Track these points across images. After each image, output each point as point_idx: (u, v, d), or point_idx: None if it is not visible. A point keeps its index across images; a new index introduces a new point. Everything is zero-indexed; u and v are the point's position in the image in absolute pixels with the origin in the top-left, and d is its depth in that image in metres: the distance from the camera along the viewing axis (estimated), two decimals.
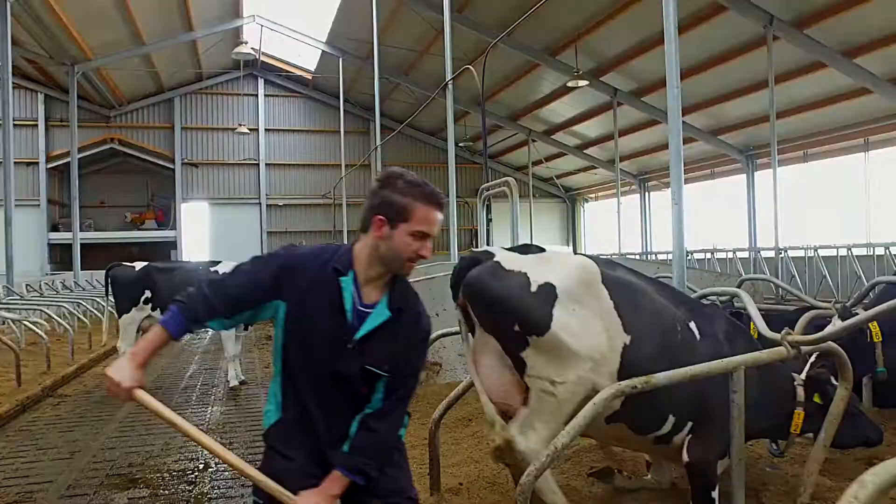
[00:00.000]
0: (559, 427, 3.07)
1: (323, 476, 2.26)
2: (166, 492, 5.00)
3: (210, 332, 14.57)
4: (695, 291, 5.72)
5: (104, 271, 9.63)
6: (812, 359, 3.81)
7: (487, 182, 9.94)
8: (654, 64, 19.41)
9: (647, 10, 16.70)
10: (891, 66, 15.68)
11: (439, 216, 2.23)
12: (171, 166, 30.55)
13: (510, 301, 3.18)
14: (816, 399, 3.63)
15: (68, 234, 26.01)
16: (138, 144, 30.22)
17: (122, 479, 5.29)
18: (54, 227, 29.46)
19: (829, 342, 3.50)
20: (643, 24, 17.50)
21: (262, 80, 31.30)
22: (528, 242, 3.57)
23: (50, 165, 28.83)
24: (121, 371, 2.18)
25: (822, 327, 5.11)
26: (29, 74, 26.32)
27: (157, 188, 31.99)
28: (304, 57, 28.91)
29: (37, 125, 28.37)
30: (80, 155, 25.06)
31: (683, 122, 22.71)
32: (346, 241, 20.53)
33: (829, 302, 5.34)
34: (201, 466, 5.61)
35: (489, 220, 11.45)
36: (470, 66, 11.09)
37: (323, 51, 26.42)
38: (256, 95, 31.47)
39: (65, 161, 27.18)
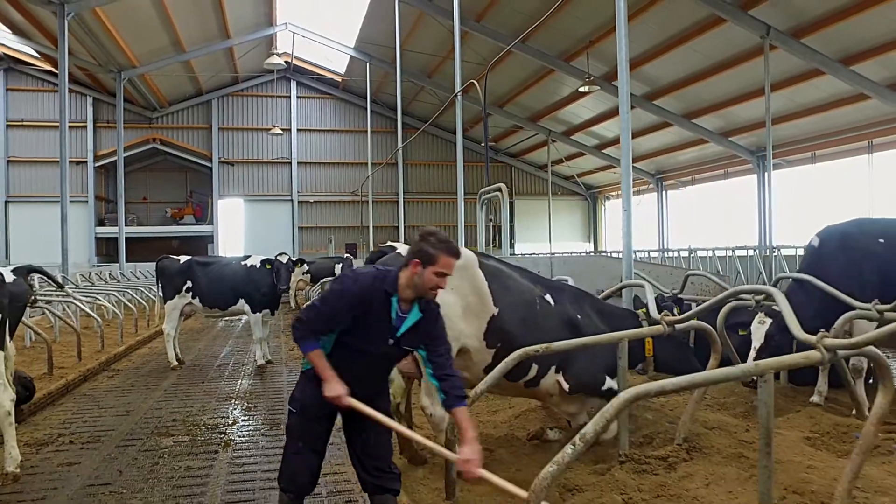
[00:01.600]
0: None
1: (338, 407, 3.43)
2: (202, 438, 6.30)
3: (242, 319, 16.06)
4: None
5: (147, 262, 11.04)
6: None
7: (488, 185, 11.16)
8: (664, 69, 20.34)
9: (655, 18, 17.65)
10: (890, 71, 16.35)
11: (456, 262, 3.38)
12: (209, 164, 32.24)
13: None
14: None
15: (114, 229, 27.83)
16: (178, 144, 31.96)
17: (168, 430, 6.61)
18: (100, 222, 31.36)
19: (695, 320, 4.62)
20: (652, 31, 18.42)
21: (295, 82, 32.80)
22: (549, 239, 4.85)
23: (97, 164, 30.74)
24: (333, 388, 3.29)
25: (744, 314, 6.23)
26: (79, 80, 28.17)
27: (195, 185, 33.78)
28: (334, 61, 30.27)
29: (86, 126, 30.30)
30: (125, 154, 26.73)
31: (696, 123, 23.64)
32: (371, 236, 21.90)
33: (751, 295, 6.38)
34: (230, 422, 6.92)
35: (490, 220, 12.56)
36: (474, 81, 12.21)
37: (351, 55, 27.73)
38: (289, 97, 32.98)
39: (111, 160, 29.08)
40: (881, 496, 3.76)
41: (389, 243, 4.77)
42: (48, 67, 27.91)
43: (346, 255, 22.79)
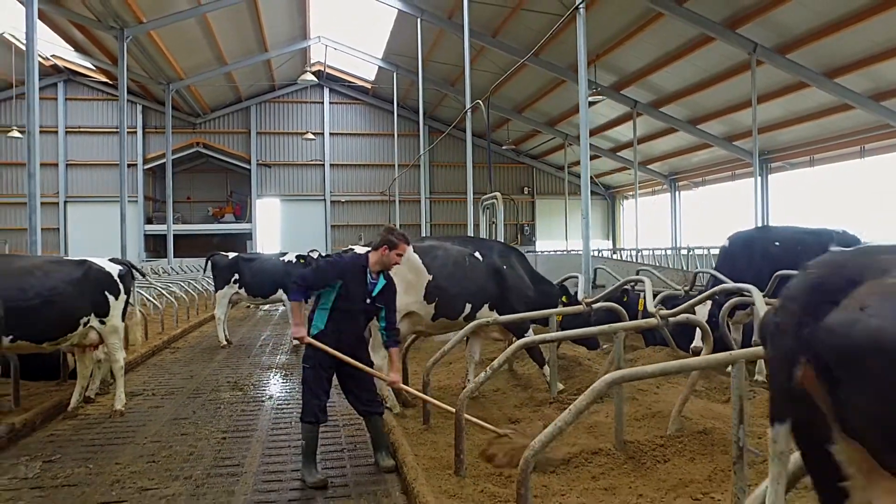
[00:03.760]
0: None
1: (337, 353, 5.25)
2: (252, 393, 8.22)
3: (280, 308, 18.08)
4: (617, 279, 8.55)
5: (190, 258, 13.05)
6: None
7: (491, 192, 12.95)
8: (666, 79, 21.82)
9: (653, 36, 19.18)
10: (872, 83, 17.64)
11: (408, 247, 5.24)
12: (248, 166, 34.54)
13: None
14: (564, 299, 6.57)
15: (161, 227, 30.20)
16: (219, 147, 34.32)
17: (224, 388, 8.55)
18: (148, 220, 33.88)
19: (607, 302, 6.36)
20: (651, 46, 19.97)
21: (328, 89, 34.89)
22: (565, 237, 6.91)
23: (146, 167, 33.25)
24: (299, 331, 5.10)
25: (677, 302, 7.91)
26: (132, 90, 30.58)
27: (235, 186, 36.12)
28: (364, 69, 32.24)
29: (136, 132, 32.77)
30: (171, 157, 29.05)
31: (701, 129, 24.95)
32: None
33: (681, 286, 8.06)
34: (273, 383, 8.85)
35: (493, 223, 14.30)
36: (479, 102, 13.96)
37: (379, 66, 29.67)
38: (322, 103, 35.09)
39: (158, 163, 31.50)
40: (716, 421, 5.46)
41: (350, 246, 6.67)
42: (103, 79, 30.43)
43: None
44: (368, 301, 5.17)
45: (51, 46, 26.39)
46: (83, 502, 4.62)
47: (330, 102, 35.22)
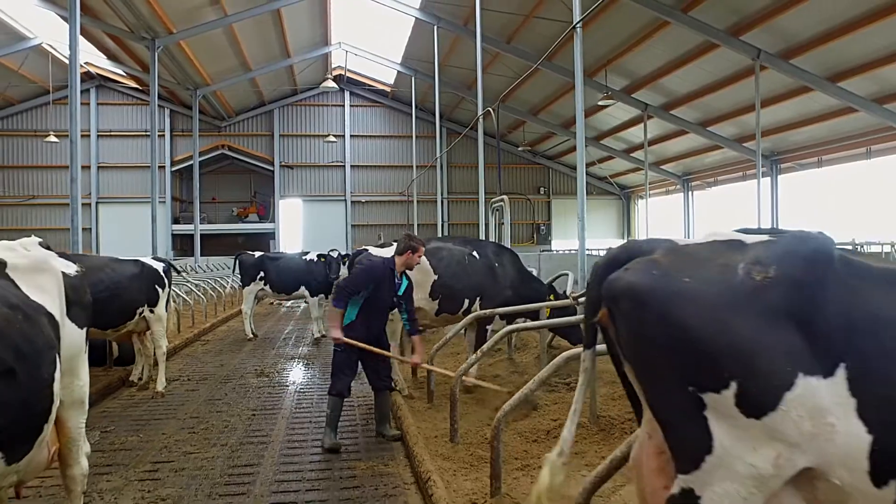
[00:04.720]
0: None
1: (367, 342, 6.05)
2: (277, 379, 9.10)
3: (302, 304, 18.99)
4: None
5: (215, 256, 13.94)
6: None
7: (500, 195, 13.70)
8: (676, 83, 22.39)
9: (661, 42, 19.78)
10: (877, 86, 18.10)
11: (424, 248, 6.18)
12: (271, 168, 35.60)
13: None
14: (551, 297, 7.31)
15: (188, 226, 31.28)
16: (243, 149, 35.41)
17: (252, 375, 9.44)
18: (175, 220, 35.05)
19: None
20: (661, 52, 20.58)
21: (348, 92, 35.82)
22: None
23: (173, 168, 34.44)
24: (335, 333, 5.92)
25: None
26: (160, 95, 31.67)
27: (258, 187, 37.22)
28: (383, 73, 33.11)
29: (164, 135, 33.95)
30: (198, 159, 30.16)
31: (711, 131, 25.49)
32: (416, 231, 24.99)
33: None
34: (296, 371, 9.72)
35: (501, 224, 15.03)
36: (490, 109, 14.72)
37: (398, 70, 30.52)
38: (343, 106, 36.03)
39: (185, 165, 32.67)
40: None
41: (364, 246, 7.49)
42: (133, 84, 31.65)
43: None
44: (395, 299, 6.12)
45: (84, 55, 27.60)
46: (139, 461, 5.50)
47: (350, 105, 36.14)
